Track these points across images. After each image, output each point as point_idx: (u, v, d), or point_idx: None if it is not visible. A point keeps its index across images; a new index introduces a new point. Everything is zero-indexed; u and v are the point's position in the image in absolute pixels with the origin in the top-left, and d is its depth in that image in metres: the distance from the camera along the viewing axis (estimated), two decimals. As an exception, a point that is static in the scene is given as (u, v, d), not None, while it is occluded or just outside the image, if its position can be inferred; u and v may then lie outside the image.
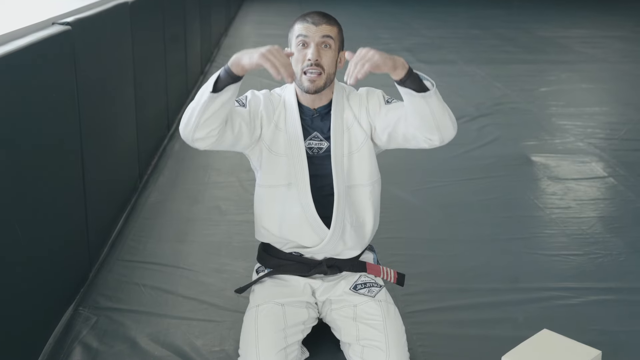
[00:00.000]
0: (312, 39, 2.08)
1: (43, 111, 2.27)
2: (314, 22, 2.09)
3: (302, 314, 2.17)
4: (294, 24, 2.13)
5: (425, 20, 11.41)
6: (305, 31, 2.09)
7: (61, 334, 2.34)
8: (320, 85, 2.11)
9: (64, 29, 2.49)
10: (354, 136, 2.20)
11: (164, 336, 2.34)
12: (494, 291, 2.67)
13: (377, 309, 2.14)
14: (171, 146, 4.51)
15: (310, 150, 2.18)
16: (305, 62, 2.08)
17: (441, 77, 6.73)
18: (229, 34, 9.78)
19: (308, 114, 2.19)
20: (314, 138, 2.18)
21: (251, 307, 2.18)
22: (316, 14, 2.13)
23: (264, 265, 2.30)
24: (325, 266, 2.22)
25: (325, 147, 2.18)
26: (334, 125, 2.18)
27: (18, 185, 2.04)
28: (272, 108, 2.19)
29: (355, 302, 2.17)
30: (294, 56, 2.10)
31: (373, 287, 2.21)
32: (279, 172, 2.18)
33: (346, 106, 2.21)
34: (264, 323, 2.09)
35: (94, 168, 2.83)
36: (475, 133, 4.79)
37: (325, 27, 2.10)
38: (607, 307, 2.57)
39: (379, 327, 2.09)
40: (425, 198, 3.65)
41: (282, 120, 2.18)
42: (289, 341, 2.08)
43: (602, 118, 5.42)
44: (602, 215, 3.45)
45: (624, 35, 9.96)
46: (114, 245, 3.04)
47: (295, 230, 2.19)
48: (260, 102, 2.18)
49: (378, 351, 2.06)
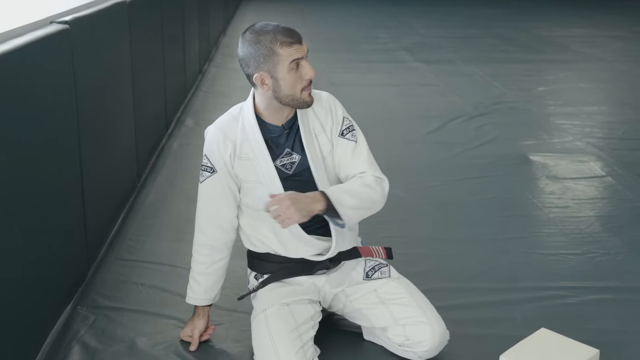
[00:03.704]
0: (304, 57, 2.09)
1: (41, 110, 2.27)
2: (298, 40, 2.08)
3: (309, 310, 2.18)
4: (275, 47, 2.05)
5: (423, 20, 11.41)
6: (297, 53, 2.06)
7: (59, 333, 2.34)
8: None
9: (62, 28, 2.48)
10: (322, 143, 2.20)
11: (162, 335, 2.34)
12: (492, 290, 2.67)
13: (398, 287, 2.21)
14: (169, 145, 4.50)
15: (283, 167, 2.17)
16: (304, 82, 2.09)
17: (439, 77, 6.74)
18: (228, 33, 9.78)
19: (275, 131, 2.17)
20: (285, 156, 2.17)
21: (258, 313, 2.18)
22: (286, 31, 2.08)
23: (260, 273, 2.30)
24: (328, 261, 2.23)
25: (297, 160, 2.17)
26: (305, 135, 2.17)
27: (16, 184, 2.04)
28: (230, 147, 2.16)
29: (373, 286, 2.22)
30: (291, 77, 2.07)
31: (383, 268, 2.28)
32: (256, 198, 2.19)
33: (311, 115, 2.21)
34: (276, 326, 2.09)
35: (92, 167, 2.83)
36: (474, 132, 4.79)
37: (303, 42, 2.10)
38: (605, 306, 2.58)
39: (411, 304, 2.17)
40: (423, 197, 3.65)
41: (245, 150, 2.16)
42: (303, 339, 2.09)
43: (600, 117, 5.42)
44: (600, 215, 3.45)
45: (622, 35, 9.97)
46: (112, 244, 3.04)
47: (293, 246, 2.21)
48: (218, 156, 2.17)
49: (422, 325, 2.12)
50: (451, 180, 3.90)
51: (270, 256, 2.26)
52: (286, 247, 2.22)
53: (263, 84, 2.09)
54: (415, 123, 5.05)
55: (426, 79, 6.72)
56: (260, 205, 2.16)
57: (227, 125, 2.19)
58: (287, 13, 12.22)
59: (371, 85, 6.42)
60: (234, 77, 6.66)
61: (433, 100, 5.74)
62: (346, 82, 6.45)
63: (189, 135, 4.78)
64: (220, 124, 2.20)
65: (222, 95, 5.99)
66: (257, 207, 2.19)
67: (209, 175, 2.19)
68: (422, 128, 4.90)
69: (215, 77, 6.75)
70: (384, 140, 4.57)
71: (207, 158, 2.20)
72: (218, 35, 9.03)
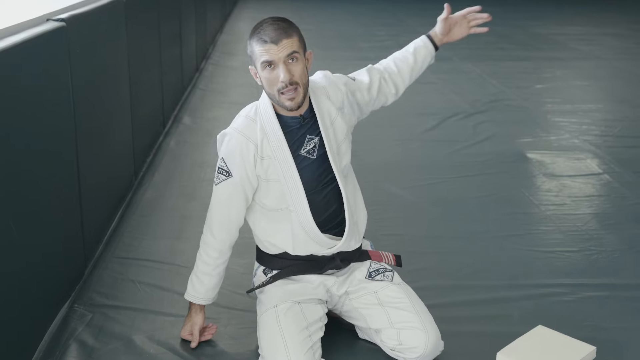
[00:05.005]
0: (278, 60, 2.02)
1: (37, 108, 2.27)
2: (273, 41, 2.00)
3: (319, 310, 2.19)
4: (252, 41, 2.05)
5: (420, 18, 11.39)
6: (268, 55, 2.01)
7: (57, 331, 2.34)
8: (301, 99, 2.08)
9: (59, 25, 2.48)
10: (338, 129, 2.21)
11: (160, 333, 2.34)
12: (489, 288, 2.68)
13: (399, 292, 2.20)
14: (167, 143, 4.50)
15: (307, 154, 2.16)
16: (278, 85, 2.04)
17: (436, 74, 6.73)
18: (225, 31, 9.77)
19: (293, 124, 2.15)
20: (308, 142, 2.17)
21: (268, 308, 2.16)
22: (271, 28, 2.02)
23: (269, 268, 2.29)
24: (339, 260, 2.22)
25: (316, 142, 2.16)
26: (322, 123, 2.16)
27: (12, 183, 2.04)
28: (252, 149, 2.14)
29: (374, 288, 2.21)
30: (265, 77, 2.05)
31: (386, 272, 2.27)
32: (276, 196, 2.17)
33: (327, 103, 2.20)
34: (288, 323, 2.08)
35: (89, 165, 2.83)
36: (471, 130, 4.79)
37: (286, 42, 2.01)
38: (601, 304, 2.58)
39: (409, 309, 2.16)
40: (420, 195, 3.65)
41: (267, 149, 2.14)
42: (313, 339, 2.09)
43: (597, 115, 5.43)
44: (597, 212, 3.45)
45: (619, 33, 9.97)
46: (109, 242, 3.04)
47: (304, 247, 2.21)
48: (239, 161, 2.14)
49: (416, 331, 2.12)
50: (448, 177, 3.90)
51: (281, 254, 2.26)
52: (295, 246, 2.21)
53: (257, 78, 2.11)
54: (412, 121, 5.05)
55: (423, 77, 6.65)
56: (280, 204, 2.17)
57: (246, 128, 2.15)
58: (284, 11, 12.20)
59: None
60: (231, 74, 6.65)
61: (430, 98, 5.74)
62: (343, 80, 6.44)
63: (186, 133, 4.78)
64: (240, 127, 2.16)
65: (219, 93, 5.98)
66: (277, 207, 2.19)
67: (225, 179, 2.17)
68: (419, 126, 4.90)
69: (212, 75, 6.74)
70: (382, 138, 4.57)
71: (224, 162, 2.17)
72: (215, 33, 9.02)
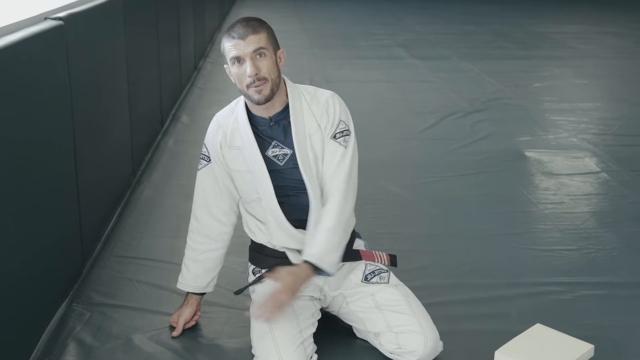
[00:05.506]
0: (245, 55, 2.06)
1: (35, 107, 2.26)
2: (240, 37, 2.05)
3: (310, 306, 2.19)
4: (223, 39, 2.11)
5: (419, 16, 11.41)
6: (235, 50, 2.06)
7: (55, 329, 2.34)
8: (268, 93, 2.09)
9: (57, 24, 2.48)
10: (316, 144, 2.16)
11: (158, 332, 2.34)
12: (487, 286, 2.68)
13: (396, 294, 2.19)
14: (165, 142, 4.50)
15: (275, 158, 2.17)
16: (246, 80, 2.07)
17: (435, 73, 6.74)
18: (223, 30, 9.76)
19: (263, 124, 2.18)
20: (275, 147, 2.17)
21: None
22: (240, 26, 2.08)
23: (259, 267, 2.30)
24: None
25: (289, 154, 2.16)
26: (296, 131, 2.14)
27: (10, 181, 2.03)
28: (221, 135, 2.22)
29: (371, 291, 2.21)
30: (235, 73, 2.09)
31: (382, 274, 2.26)
32: (246, 188, 2.22)
33: (307, 112, 2.17)
34: (277, 321, 2.08)
35: (87, 164, 2.82)
36: (469, 129, 4.79)
37: (252, 38, 2.05)
38: (599, 302, 2.58)
39: (407, 312, 2.15)
40: (418, 194, 3.65)
41: (236, 139, 2.19)
42: (304, 335, 2.10)
43: (595, 114, 5.43)
44: (595, 211, 3.46)
45: (618, 31, 9.98)
46: (107, 241, 3.03)
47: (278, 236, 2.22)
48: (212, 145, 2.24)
49: (415, 334, 2.11)
50: (447, 176, 3.90)
51: (268, 250, 2.26)
52: (272, 236, 2.22)
53: (231, 76, 2.14)
54: (411, 119, 5.05)
55: (422, 76, 6.72)
56: (251, 195, 2.21)
57: (223, 116, 2.26)
58: (282, 9, 12.21)
59: (367, 82, 6.42)
60: (230, 73, 6.64)
61: (429, 97, 5.74)
62: (342, 79, 6.44)
63: (184, 131, 4.78)
64: (219, 116, 2.28)
65: (217, 92, 5.98)
66: (249, 198, 2.24)
67: (205, 164, 2.28)
68: (417, 124, 4.90)
69: (210, 74, 6.74)
70: (380, 137, 4.57)
71: (206, 147, 2.28)
72: (213, 31, 9.02)
